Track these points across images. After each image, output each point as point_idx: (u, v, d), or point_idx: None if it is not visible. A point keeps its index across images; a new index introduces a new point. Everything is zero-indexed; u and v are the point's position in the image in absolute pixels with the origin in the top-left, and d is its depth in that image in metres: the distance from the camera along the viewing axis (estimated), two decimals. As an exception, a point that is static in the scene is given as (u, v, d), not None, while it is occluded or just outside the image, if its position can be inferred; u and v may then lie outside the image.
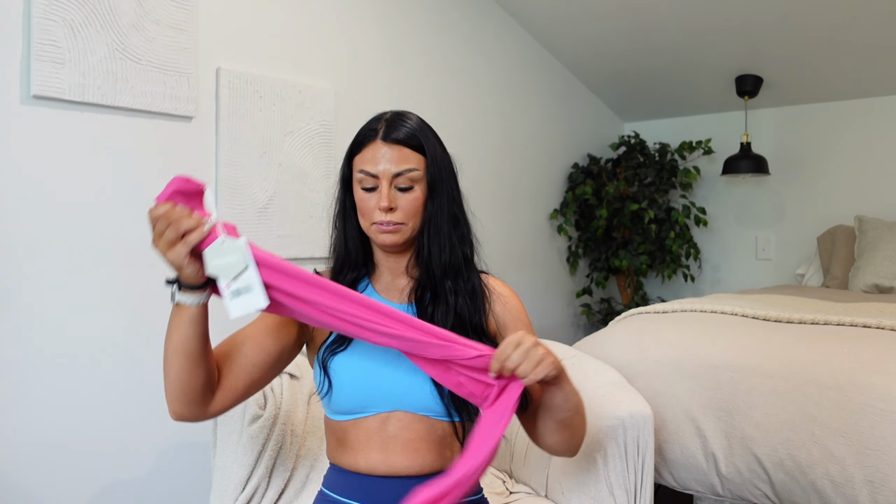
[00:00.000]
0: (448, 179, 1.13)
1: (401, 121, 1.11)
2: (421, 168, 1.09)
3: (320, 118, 2.17)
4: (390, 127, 1.09)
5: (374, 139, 1.09)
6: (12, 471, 1.56)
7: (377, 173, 1.07)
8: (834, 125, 3.19)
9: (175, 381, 0.99)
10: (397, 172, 1.07)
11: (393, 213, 1.08)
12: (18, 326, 1.57)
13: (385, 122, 1.11)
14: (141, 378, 1.78)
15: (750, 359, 1.65)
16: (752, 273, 3.43)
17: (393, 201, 1.07)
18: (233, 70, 1.95)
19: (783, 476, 1.53)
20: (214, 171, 1.93)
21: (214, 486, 1.43)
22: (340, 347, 1.09)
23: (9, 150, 1.55)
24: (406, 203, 1.08)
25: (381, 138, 1.09)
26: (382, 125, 1.10)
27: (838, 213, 3.14)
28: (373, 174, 1.07)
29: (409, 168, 1.08)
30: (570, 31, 3.00)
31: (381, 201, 1.06)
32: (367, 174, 1.08)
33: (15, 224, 1.56)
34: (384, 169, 1.07)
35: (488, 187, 2.88)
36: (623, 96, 3.54)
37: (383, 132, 1.09)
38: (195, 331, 0.97)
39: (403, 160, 1.08)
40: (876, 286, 2.66)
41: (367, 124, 1.12)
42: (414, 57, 2.55)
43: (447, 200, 1.11)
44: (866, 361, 1.52)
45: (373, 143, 1.09)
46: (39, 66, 1.56)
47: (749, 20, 2.69)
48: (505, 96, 2.97)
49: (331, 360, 1.09)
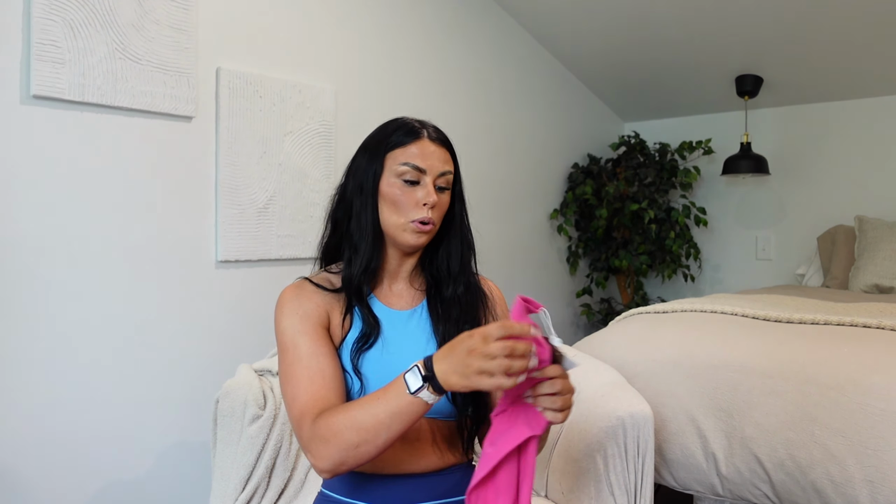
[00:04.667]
0: (462, 190, 1.17)
1: (436, 126, 1.14)
2: (453, 174, 1.12)
3: (320, 118, 2.17)
4: (433, 129, 1.12)
5: (421, 137, 1.09)
6: (13, 470, 1.56)
7: (426, 168, 1.07)
8: (834, 125, 3.18)
9: (361, 456, 0.92)
10: (442, 172, 1.09)
11: (433, 211, 1.08)
12: (19, 326, 1.57)
13: (421, 123, 1.12)
14: (141, 378, 1.78)
15: (750, 359, 1.65)
16: (752, 273, 3.43)
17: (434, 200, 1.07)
18: (233, 70, 1.95)
19: (783, 476, 1.53)
20: (214, 172, 1.93)
21: (214, 486, 1.43)
22: (367, 346, 1.06)
23: (9, 150, 1.55)
24: (441, 204, 1.10)
25: (428, 137, 1.10)
26: (424, 126, 1.11)
27: (838, 213, 3.14)
28: (422, 168, 1.07)
29: (449, 170, 1.10)
30: (571, 31, 3.00)
31: (429, 196, 1.06)
32: (415, 168, 1.07)
33: (15, 224, 1.56)
34: (433, 165, 1.08)
35: (488, 187, 2.88)
36: (623, 96, 3.54)
37: (429, 132, 1.10)
38: (414, 421, 0.91)
39: (447, 162, 1.10)
40: (876, 286, 2.66)
41: (399, 125, 1.11)
42: (414, 57, 2.55)
43: (462, 206, 1.15)
44: (866, 361, 1.52)
45: (420, 140, 1.09)
46: (39, 65, 1.56)
47: (749, 20, 2.69)
48: (505, 96, 2.97)
49: (361, 358, 1.06)
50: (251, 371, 1.51)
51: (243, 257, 1.97)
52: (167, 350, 1.83)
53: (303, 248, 2.12)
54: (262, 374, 1.53)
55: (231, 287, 1.97)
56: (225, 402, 1.44)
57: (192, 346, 1.88)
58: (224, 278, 1.95)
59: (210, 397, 1.86)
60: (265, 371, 1.54)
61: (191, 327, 1.88)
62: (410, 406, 0.88)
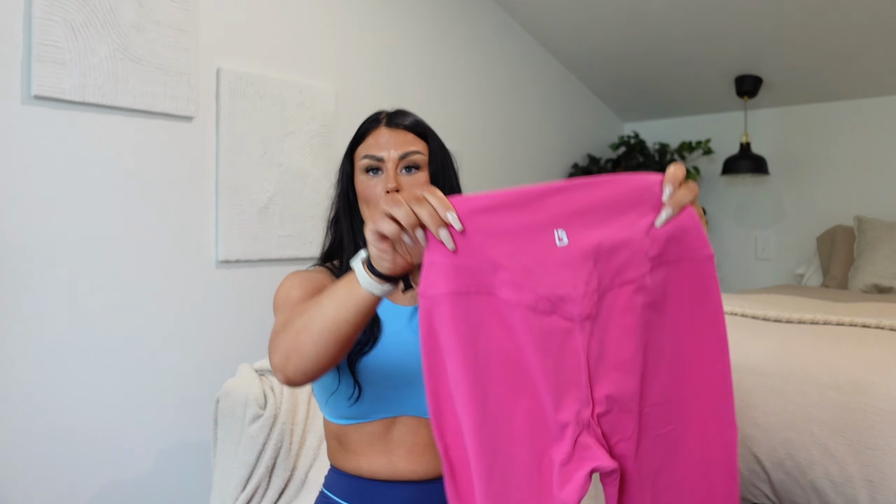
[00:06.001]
0: (450, 172, 1.12)
1: (402, 111, 1.12)
2: (425, 153, 1.09)
3: (320, 118, 2.17)
4: (393, 115, 1.11)
5: (378, 126, 1.10)
6: (13, 470, 1.56)
7: (382, 156, 1.06)
8: (833, 125, 3.19)
9: (310, 357, 0.84)
10: (403, 154, 1.06)
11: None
12: (19, 326, 1.57)
13: (386, 113, 1.12)
14: (142, 378, 1.78)
15: (749, 358, 1.65)
16: (752, 273, 3.43)
17: (399, 184, 1.05)
18: (233, 70, 1.95)
19: (783, 476, 1.53)
20: (215, 172, 1.93)
21: (214, 486, 1.43)
22: (367, 348, 1.03)
23: (10, 151, 1.56)
24: (412, 185, 1.06)
25: (385, 125, 1.09)
26: (385, 115, 1.11)
27: (838, 213, 3.14)
28: (378, 157, 1.06)
29: (414, 150, 1.07)
30: (570, 31, 3.01)
31: (388, 182, 1.04)
32: (373, 158, 1.06)
33: (15, 223, 1.57)
34: (390, 151, 1.06)
35: (488, 188, 2.87)
36: (623, 96, 3.54)
37: (387, 119, 1.10)
38: (363, 320, 0.82)
39: (408, 143, 1.08)
40: (875, 286, 2.67)
41: (366, 119, 1.13)
42: (414, 57, 2.55)
43: (448, 191, 1.09)
44: (866, 361, 1.52)
45: (376, 129, 1.09)
46: (40, 66, 1.57)
47: (749, 20, 2.69)
48: (505, 97, 2.98)
49: (359, 362, 1.03)
50: (252, 371, 1.51)
51: (244, 257, 1.98)
52: (168, 350, 1.83)
53: (303, 248, 2.13)
54: (262, 373, 1.53)
55: (232, 287, 1.97)
56: (225, 402, 1.45)
57: (193, 346, 1.88)
58: (225, 278, 1.95)
59: (210, 397, 1.86)
60: (266, 371, 1.54)
61: (191, 327, 1.88)
62: (354, 299, 0.80)
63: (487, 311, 0.77)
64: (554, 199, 0.76)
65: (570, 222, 0.76)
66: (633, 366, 0.78)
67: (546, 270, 0.76)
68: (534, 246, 0.76)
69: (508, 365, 0.77)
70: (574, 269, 0.76)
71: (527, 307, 0.76)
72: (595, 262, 0.76)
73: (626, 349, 0.77)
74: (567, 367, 0.77)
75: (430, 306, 0.76)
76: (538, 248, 0.76)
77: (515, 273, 0.76)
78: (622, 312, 0.77)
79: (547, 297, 0.76)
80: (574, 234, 0.76)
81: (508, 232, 0.76)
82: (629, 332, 0.77)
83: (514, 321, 0.77)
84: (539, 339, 0.76)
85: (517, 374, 0.78)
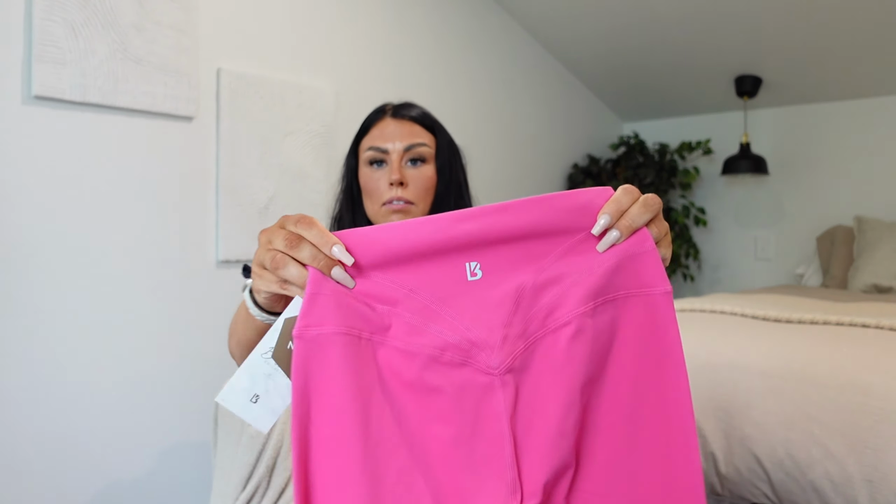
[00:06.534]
0: (457, 167, 1.09)
1: (409, 103, 1.09)
2: (431, 146, 1.05)
3: (321, 118, 2.17)
4: (400, 106, 1.08)
5: (384, 117, 1.07)
6: (13, 470, 1.56)
7: (387, 147, 1.03)
8: (833, 125, 3.19)
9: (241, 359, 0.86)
10: (408, 146, 1.03)
11: (404, 189, 1.02)
12: (19, 326, 1.57)
13: (393, 104, 1.09)
14: (142, 378, 1.78)
15: (749, 358, 1.65)
16: (752, 273, 3.43)
17: (404, 176, 1.02)
18: (233, 70, 1.95)
19: (782, 475, 1.53)
20: (215, 172, 1.93)
21: (215, 486, 1.43)
22: None
23: (10, 151, 1.56)
24: (417, 179, 1.03)
25: (391, 116, 1.06)
26: (391, 106, 1.08)
27: (837, 213, 3.15)
28: (383, 149, 1.03)
29: (420, 142, 1.04)
30: (570, 30, 3.01)
31: (392, 174, 1.01)
32: (377, 149, 1.03)
33: (15, 224, 1.57)
34: (395, 143, 1.03)
35: (488, 188, 2.88)
36: (623, 96, 3.54)
37: (393, 111, 1.07)
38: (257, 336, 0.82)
39: (414, 135, 1.04)
40: (875, 286, 2.67)
41: (372, 111, 1.10)
42: (414, 57, 2.55)
43: (455, 187, 1.07)
44: (865, 361, 1.52)
45: (382, 120, 1.06)
46: (40, 66, 1.57)
47: (749, 20, 2.70)
48: (505, 96, 2.98)
49: None
50: (252, 371, 1.51)
51: (244, 257, 1.98)
52: (168, 350, 1.83)
53: (303, 249, 2.12)
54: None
55: (232, 287, 1.97)
56: (226, 402, 1.45)
57: (193, 346, 1.88)
58: (225, 278, 1.95)
59: (210, 397, 1.87)
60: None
61: (192, 327, 1.88)
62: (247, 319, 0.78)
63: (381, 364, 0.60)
64: (467, 225, 0.60)
65: (487, 253, 0.61)
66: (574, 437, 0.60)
67: (455, 311, 0.61)
68: (440, 281, 0.61)
69: (408, 438, 0.59)
70: (490, 310, 0.61)
71: (429, 357, 0.60)
72: (517, 302, 0.61)
73: (565, 415, 0.60)
74: (485, 440, 0.59)
75: (309, 352, 0.58)
76: (445, 283, 0.61)
77: (416, 314, 0.61)
78: (558, 365, 0.60)
79: (456, 345, 0.60)
80: (491, 266, 0.61)
81: (409, 264, 0.60)
82: (567, 390, 0.60)
83: (414, 375, 0.60)
84: (447, 399, 0.59)
85: (420, 453, 0.59)
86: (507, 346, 0.60)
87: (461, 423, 0.59)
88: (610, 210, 0.59)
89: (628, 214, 0.60)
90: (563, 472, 0.60)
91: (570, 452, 0.60)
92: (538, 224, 0.60)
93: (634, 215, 0.60)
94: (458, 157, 1.11)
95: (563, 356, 0.60)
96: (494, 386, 0.59)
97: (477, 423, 0.59)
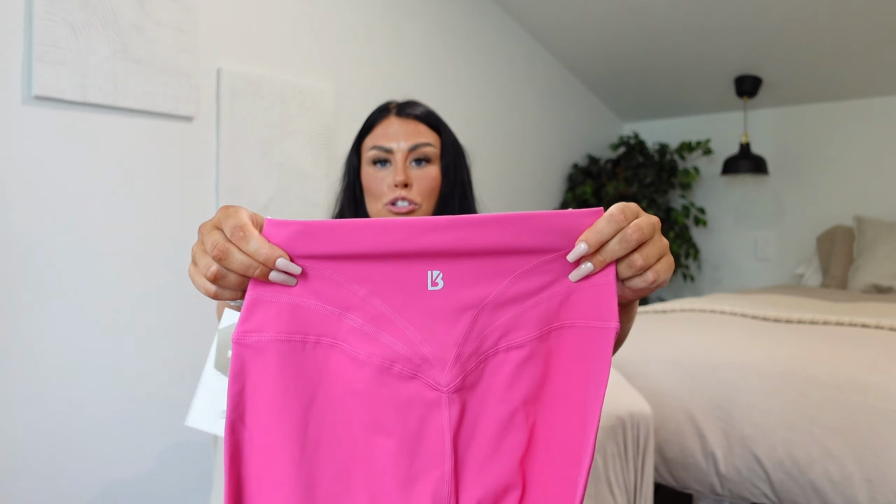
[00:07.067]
0: (462, 167, 1.07)
1: (414, 101, 1.07)
2: (436, 146, 1.04)
3: (321, 119, 2.18)
4: (405, 104, 1.06)
5: (388, 116, 1.05)
6: (13, 469, 1.56)
7: (391, 147, 1.01)
8: (833, 125, 3.19)
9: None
10: (413, 146, 1.01)
11: (408, 189, 1.00)
12: (19, 326, 1.57)
13: (397, 102, 1.07)
14: (142, 378, 1.78)
15: (749, 358, 1.65)
16: (752, 273, 3.43)
17: (408, 177, 1.00)
18: (234, 71, 1.96)
19: (782, 475, 1.53)
20: (215, 172, 1.93)
21: (215, 486, 1.43)
22: None
23: (10, 151, 1.56)
24: (421, 180, 1.01)
25: (395, 114, 1.04)
26: (395, 104, 1.06)
27: (837, 213, 3.15)
28: (387, 148, 1.01)
29: (425, 142, 1.02)
30: (570, 31, 3.01)
31: (397, 175, 0.99)
32: (381, 149, 1.01)
33: (15, 224, 1.57)
34: (399, 142, 1.01)
35: (488, 188, 2.88)
36: (622, 96, 3.55)
37: (397, 109, 1.05)
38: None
39: (419, 134, 1.02)
40: (874, 286, 2.67)
41: (375, 109, 1.08)
42: (414, 57, 2.55)
43: (460, 188, 1.06)
44: (865, 361, 1.53)
45: (386, 119, 1.04)
46: (40, 66, 1.57)
47: (749, 20, 2.70)
48: (505, 97, 2.98)
49: None
50: (252, 371, 1.51)
51: (244, 257, 1.98)
52: (168, 350, 1.83)
53: (303, 249, 2.13)
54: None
55: (231, 287, 1.97)
56: (226, 402, 1.45)
57: (194, 347, 1.88)
58: (224, 278, 1.95)
59: (211, 397, 1.87)
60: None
61: (193, 327, 1.88)
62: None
63: (327, 370, 0.58)
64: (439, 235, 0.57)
65: (452, 263, 0.58)
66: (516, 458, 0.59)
67: (410, 321, 0.58)
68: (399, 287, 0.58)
69: (349, 446, 0.59)
70: (446, 324, 0.58)
71: (378, 367, 0.58)
72: (475, 318, 0.59)
73: (503, 434, 0.59)
74: (425, 455, 0.58)
75: (245, 358, 0.57)
76: (404, 290, 0.58)
77: (370, 321, 0.58)
78: (505, 386, 0.59)
79: (407, 358, 0.58)
80: (453, 278, 0.58)
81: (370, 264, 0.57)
82: (510, 411, 0.59)
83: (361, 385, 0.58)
84: (391, 411, 0.58)
85: (359, 462, 0.58)
86: (459, 365, 0.59)
87: (403, 435, 0.58)
88: (589, 239, 0.56)
89: (605, 250, 0.57)
90: (505, 493, 0.58)
91: (514, 473, 0.59)
92: (514, 242, 0.58)
93: (611, 251, 0.57)
94: (463, 156, 1.10)
95: (510, 377, 0.59)
96: (441, 402, 0.58)
97: (419, 438, 0.58)
